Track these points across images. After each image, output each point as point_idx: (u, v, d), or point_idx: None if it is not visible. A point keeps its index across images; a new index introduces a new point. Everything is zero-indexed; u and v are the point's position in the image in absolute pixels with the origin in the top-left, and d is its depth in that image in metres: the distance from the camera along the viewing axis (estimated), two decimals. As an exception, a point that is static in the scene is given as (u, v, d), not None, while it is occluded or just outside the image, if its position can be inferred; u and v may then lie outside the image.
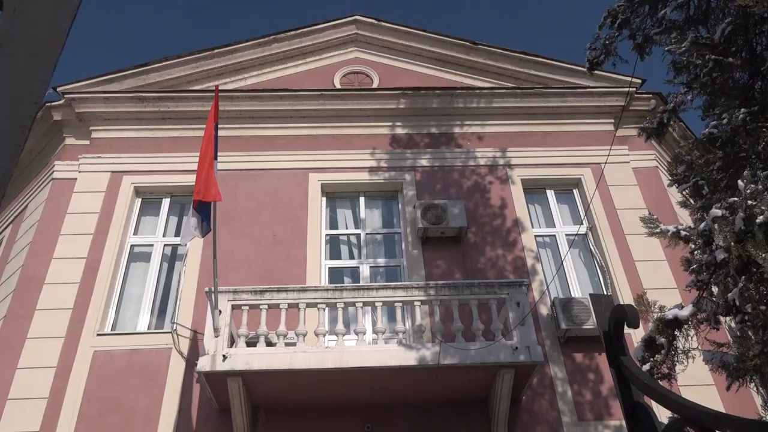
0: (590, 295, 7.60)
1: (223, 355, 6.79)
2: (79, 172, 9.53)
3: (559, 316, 7.88)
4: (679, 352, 3.76)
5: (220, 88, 8.14)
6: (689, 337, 3.77)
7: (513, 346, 6.95)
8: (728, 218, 3.27)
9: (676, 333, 3.73)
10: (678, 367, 3.84)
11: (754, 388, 3.94)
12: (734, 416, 1.10)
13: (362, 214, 9.53)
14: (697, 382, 6.52)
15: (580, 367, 7.87)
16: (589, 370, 7.83)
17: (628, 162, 9.83)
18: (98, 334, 7.96)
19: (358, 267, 9.03)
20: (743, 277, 3.28)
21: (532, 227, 9.30)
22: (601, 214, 9.24)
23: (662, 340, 3.73)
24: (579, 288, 8.72)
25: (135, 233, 9.28)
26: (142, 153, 9.73)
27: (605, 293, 8.52)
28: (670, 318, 3.72)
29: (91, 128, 9.90)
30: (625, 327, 1.56)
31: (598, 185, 9.04)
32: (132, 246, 9.13)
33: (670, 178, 4.78)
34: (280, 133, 10.02)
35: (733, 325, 5.00)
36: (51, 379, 7.53)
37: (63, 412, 7.30)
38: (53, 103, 9.86)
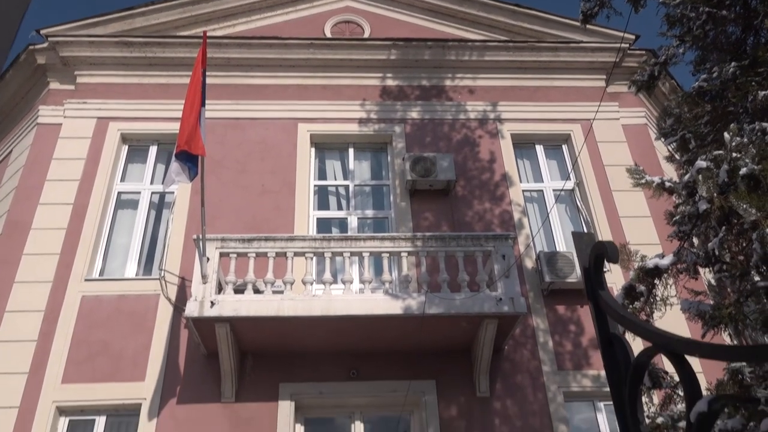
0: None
1: (211, 302, 6.86)
2: (65, 117, 9.39)
3: (544, 269, 8.01)
4: (658, 299, 3.86)
5: (208, 34, 7.98)
6: (668, 286, 3.87)
7: (497, 297, 7.07)
8: (712, 170, 3.32)
9: (656, 281, 3.82)
10: (656, 314, 3.95)
11: (728, 337, 4.07)
12: (704, 342, 1.16)
13: (351, 166, 9.52)
14: (673, 332, 6.69)
15: (561, 318, 8.04)
16: (570, 322, 8.01)
17: (618, 119, 9.84)
18: (86, 280, 7.99)
19: (346, 218, 9.07)
20: (724, 227, 3.34)
21: (520, 182, 9.35)
22: (589, 170, 9.29)
23: (642, 288, 3.83)
24: (564, 242, 8.84)
25: (122, 180, 9.22)
26: (129, 99, 9.59)
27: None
28: (650, 267, 3.80)
29: (76, 73, 9.71)
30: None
31: (587, 141, 9.06)
32: (119, 193, 9.09)
33: (658, 132, 4.80)
34: (269, 82, 9.90)
35: (711, 278, 5.12)
36: (39, 323, 7.59)
37: (52, 355, 7.39)
38: (37, 46, 9.64)
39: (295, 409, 7.27)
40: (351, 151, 9.64)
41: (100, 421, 7.25)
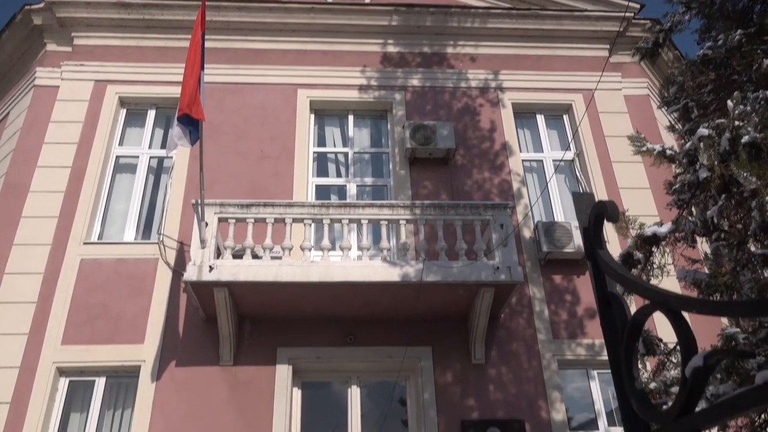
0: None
1: (210, 266, 6.88)
2: (62, 79, 9.30)
3: (541, 239, 8.04)
4: (655, 267, 3.88)
5: (207, -5, 7.86)
6: (665, 254, 3.89)
7: (494, 266, 7.11)
8: (714, 138, 3.31)
9: (653, 249, 3.83)
10: (652, 282, 3.96)
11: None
12: (701, 298, 1.16)
13: (350, 133, 9.47)
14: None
15: (558, 288, 8.09)
16: (566, 292, 8.06)
17: (620, 89, 9.77)
18: (85, 243, 8.01)
19: (345, 185, 9.06)
20: (723, 196, 3.34)
21: (520, 152, 9.32)
22: (589, 140, 9.26)
23: (639, 255, 3.84)
24: (562, 213, 8.85)
25: (120, 144, 9.18)
26: (127, 62, 9.48)
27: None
28: (648, 234, 3.81)
29: (73, 35, 9.58)
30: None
31: (588, 111, 9.01)
32: (117, 157, 9.05)
33: (660, 100, 4.76)
34: (269, 46, 9.78)
35: (708, 250, 5.13)
36: (39, 285, 7.63)
37: (52, 317, 7.45)
38: (33, 7, 9.49)
39: (292, 373, 7.36)
40: (351, 118, 9.58)
41: (100, 382, 7.35)
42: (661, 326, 6.52)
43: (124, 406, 7.31)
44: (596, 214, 1.49)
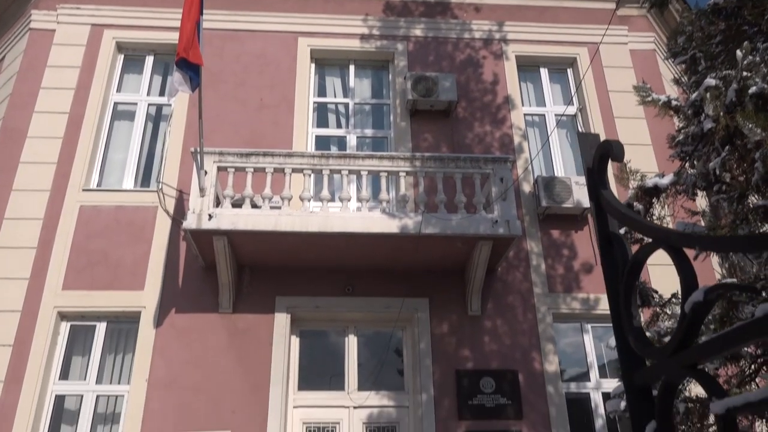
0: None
1: (209, 215, 6.89)
2: (58, 23, 9.10)
3: (541, 193, 8.03)
4: (655, 218, 3.88)
5: (205, -64, 7.62)
6: (666, 206, 3.89)
7: (493, 219, 7.12)
8: (721, 89, 3.26)
9: (654, 201, 3.83)
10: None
11: (719, 261, 4.13)
12: (702, 234, 1.16)
13: (351, 83, 9.35)
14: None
15: (555, 243, 8.13)
16: (564, 247, 8.10)
17: (626, 43, 9.60)
18: (84, 190, 7.99)
19: (345, 136, 8.99)
20: (727, 147, 3.31)
21: (523, 105, 9.22)
22: (593, 95, 9.15)
23: (639, 206, 3.84)
24: (563, 168, 8.82)
25: (118, 91, 9.06)
26: (124, 6, 9.26)
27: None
28: (649, 186, 3.80)
29: (68, -24, 9.33)
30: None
31: (593, 65, 8.88)
32: (116, 104, 8.94)
33: (667, 51, 4.68)
34: (269, -8, 9.55)
35: (706, 207, 5.13)
36: (38, 231, 7.64)
37: (52, 262, 7.49)
38: (26, -54, 9.22)
39: (290, 322, 7.46)
40: (352, 68, 9.44)
41: (101, 327, 7.45)
42: (656, 278, 6.59)
43: (125, 350, 7.42)
44: (601, 153, 1.47)
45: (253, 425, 6.84)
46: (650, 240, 1.27)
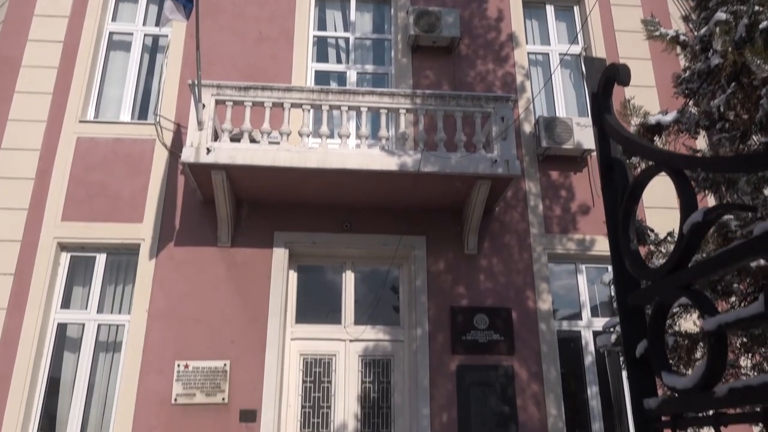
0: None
1: (207, 148, 6.85)
2: (49, -54, 8.77)
3: (542, 134, 7.98)
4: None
5: None
6: (668, 143, 3.87)
7: (492, 158, 7.10)
8: (731, 23, 3.19)
9: (656, 138, 3.81)
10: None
11: (717, 200, 4.15)
12: (704, 156, 1.16)
13: (352, 17, 9.12)
14: (665, 200, 6.80)
15: (554, 184, 8.14)
16: (562, 188, 8.11)
17: (635, -20, 9.33)
18: (81, 121, 7.91)
19: (345, 72, 8.84)
20: (733, 84, 3.27)
21: (527, 44, 9.03)
22: (599, 34, 8.96)
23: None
24: (565, 108, 8.73)
25: (113, 20, 8.83)
26: (117, -70, 8.92)
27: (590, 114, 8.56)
28: (652, 123, 3.77)
29: None
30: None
31: (600, 3, 8.65)
32: (111, 33, 8.74)
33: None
34: None
35: (707, 149, 5.11)
36: (36, 161, 7.61)
37: (50, 193, 7.49)
38: None
39: (288, 257, 7.53)
40: (353, 1, 9.19)
41: (101, 259, 7.52)
42: (652, 218, 6.62)
43: (125, 282, 7.52)
44: (607, 77, 1.46)
45: (251, 356, 7.01)
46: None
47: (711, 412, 1.10)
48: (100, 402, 7.08)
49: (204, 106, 6.98)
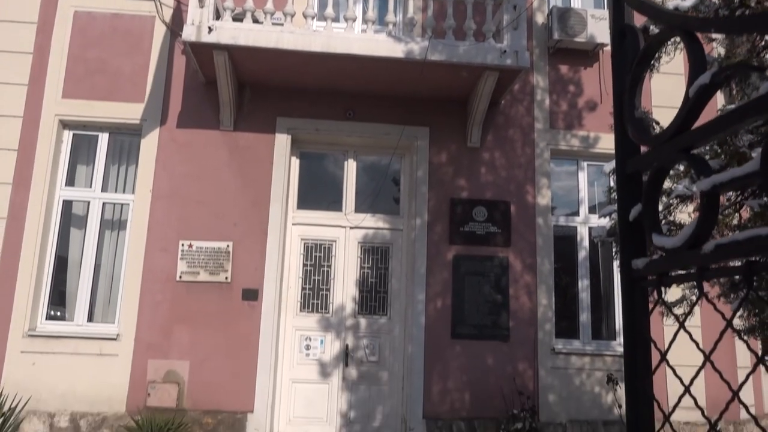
0: None
1: (209, 27, 6.65)
2: None
3: (554, 25, 7.71)
4: (669, 44, 3.77)
5: None
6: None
7: (501, 49, 6.91)
8: None
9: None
10: (664, 59, 3.90)
11: (727, 93, 4.09)
12: (719, 17, 1.14)
13: None
14: (672, 99, 6.70)
15: (563, 78, 7.98)
16: (571, 83, 7.96)
17: None
18: (77, -6, 7.62)
19: (353, -49, 8.39)
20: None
21: (545, -73, 8.51)
22: None
23: (656, 29, 3.70)
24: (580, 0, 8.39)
25: None
26: None
27: (605, 8, 8.22)
28: (670, 8, 3.62)
29: None
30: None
31: None
32: None
33: None
34: None
35: (722, 36, 4.94)
36: (33, 35, 7.41)
37: (50, 70, 7.35)
38: None
39: (291, 143, 7.52)
40: None
41: (103, 138, 7.52)
42: (659, 116, 6.54)
43: (128, 162, 7.56)
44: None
45: (253, 238, 7.17)
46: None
47: (695, 270, 1.14)
48: (107, 278, 7.34)
49: (205, -18, 6.70)
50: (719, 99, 6.40)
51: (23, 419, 6.43)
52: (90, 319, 7.18)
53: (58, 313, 7.22)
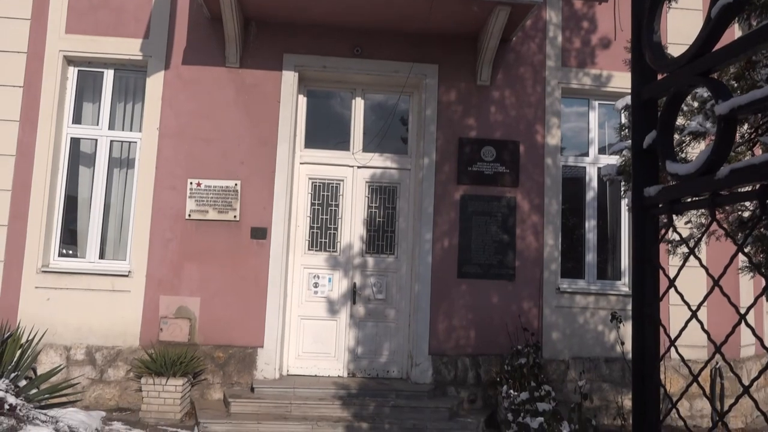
0: None
1: (213, -41, 6.46)
2: None
3: (569, -42, 7.45)
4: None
5: None
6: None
7: (514, -18, 6.69)
8: None
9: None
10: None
11: (746, 28, 3.96)
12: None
13: None
14: (689, 37, 6.53)
15: (576, 14, 7.76)
16: (584, 19, 7.75)
17: None
18: (76, -76, 7.38)
19: None
20: None
21: None
22: None
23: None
24: (597, -70, 8.06)
25: None
26: None
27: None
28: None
29: None
30: None
31: None
32: None
33: None
34: None
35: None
36: (33, -32, 7.23)
37: (52, 3, 7.20)
38: None
39: (298, 81, 7.42)
40: None
41: (109, 74, 7.43)
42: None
43: (135, 99, 7.50)
44: None
45: (261, 177, 7.18)
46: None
47: (708, 196, 1.13)
48: (117, 216, 7.40)
49: None
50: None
51: (40, 351, 6.63)
52: (101, 256, 7.29)
53: (70, 252, 7.32)
